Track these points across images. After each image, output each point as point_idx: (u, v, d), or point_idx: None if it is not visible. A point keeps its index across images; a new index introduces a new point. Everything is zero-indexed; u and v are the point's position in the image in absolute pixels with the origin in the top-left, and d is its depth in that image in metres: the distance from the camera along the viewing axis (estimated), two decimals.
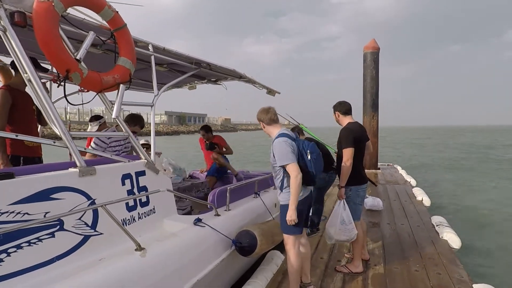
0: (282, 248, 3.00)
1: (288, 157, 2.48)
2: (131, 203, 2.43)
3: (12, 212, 1.70)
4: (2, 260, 1.62)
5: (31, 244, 1.74)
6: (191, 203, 4.03)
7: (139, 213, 2.48)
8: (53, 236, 1.85)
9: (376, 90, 10.71)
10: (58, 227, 1.88)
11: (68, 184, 1.98)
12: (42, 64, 2.93)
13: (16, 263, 1.66)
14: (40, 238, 1.79)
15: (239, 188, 3.64)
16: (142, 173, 2.59)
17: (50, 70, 2.81)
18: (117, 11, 2.41)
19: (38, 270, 1.74)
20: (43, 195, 1.85)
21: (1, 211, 1.66)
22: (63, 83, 2.13)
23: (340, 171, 3.13)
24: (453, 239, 4.17)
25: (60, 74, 2.06)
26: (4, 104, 2.75)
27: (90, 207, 2.04)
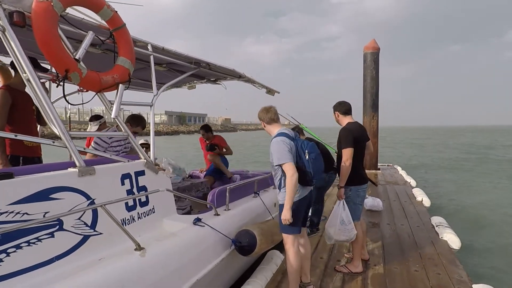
0: (281, 248, 3.00)
1: (284, 156, 2.48)
2: (131, 203, 2.43)
3: (12, 212, 1.70)
4: (1, 260, 1.61)
5: (31, 244, 1.74)
6: (191, 202, 4.03)
7: (138, 213, 2.48)
8: (52, 236, 1.85)
9: (376, 90, 10.71)
10: (58, 227, 1.88)
11: (67, 184, 1.98)
12: (42, 64, 2.92)
13: (16, 263, 1.66)
14: (40, 238, 1.79)
15: (239, 187, 3.63)
16: (141, 173, 2.59)
17: (49, 70, 2.81)
18: (116, 11, 2.41)
19: (37, 270, 1.74)
20: (43, 195, 1.85)
21: (0, 211, 1.66)
22: (62, 83, 2.13)
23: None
24: (452, 240, 4.17)
25: (59, 74, 2.06)
26: (4, 104, 2.74)
27: (89, 207, 2.04)
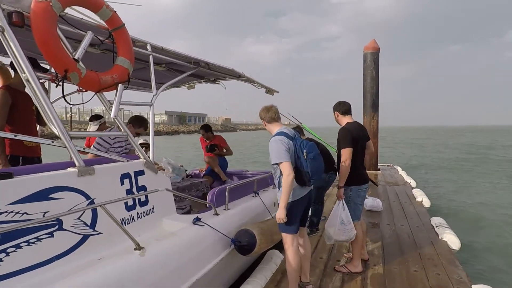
0: (281, 248, 3.00)
1: (281, 155, 2.49)
2: (130, 203, 2.43)
3: (11, 212, 1.70)
4: (1, 260, 1.62)
5: (30, 244, 1.75)
6: (190, 202, 4.03)
7: (138, 212, 2.48)
8: (52, 236, 1.85)
9: (376, 90, 10.71)
10: (57, 226, 1.89)
11: (67, 184, 1.99)
12: (42, 64, 2.93)
13: (15, 263, 1.67)
14: (39, 237, 1.79)
15: (238, 187, 3.64)
16: (141, 172, 2.60)
17: (49, 70, 2.81)
18: (115, 11, 2.41)
19: (37, 269, 1.74)
20: (42, 195, 1.85)
21: (0, 211, 1.66)
22: (61, 83, 2.13)
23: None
24: (452, 240, 4.17)
25: (58, 74, 2.06)
26: (4, 104, 2.74)
27: (89, 206, 2.04)
